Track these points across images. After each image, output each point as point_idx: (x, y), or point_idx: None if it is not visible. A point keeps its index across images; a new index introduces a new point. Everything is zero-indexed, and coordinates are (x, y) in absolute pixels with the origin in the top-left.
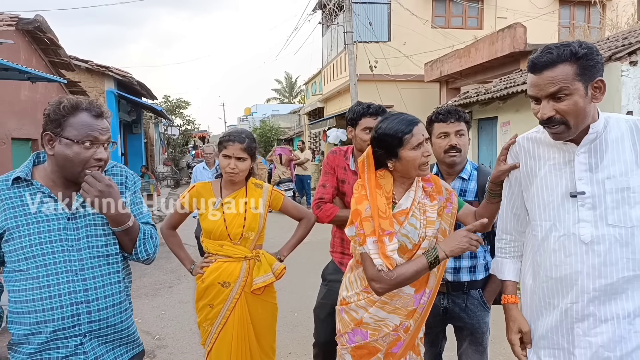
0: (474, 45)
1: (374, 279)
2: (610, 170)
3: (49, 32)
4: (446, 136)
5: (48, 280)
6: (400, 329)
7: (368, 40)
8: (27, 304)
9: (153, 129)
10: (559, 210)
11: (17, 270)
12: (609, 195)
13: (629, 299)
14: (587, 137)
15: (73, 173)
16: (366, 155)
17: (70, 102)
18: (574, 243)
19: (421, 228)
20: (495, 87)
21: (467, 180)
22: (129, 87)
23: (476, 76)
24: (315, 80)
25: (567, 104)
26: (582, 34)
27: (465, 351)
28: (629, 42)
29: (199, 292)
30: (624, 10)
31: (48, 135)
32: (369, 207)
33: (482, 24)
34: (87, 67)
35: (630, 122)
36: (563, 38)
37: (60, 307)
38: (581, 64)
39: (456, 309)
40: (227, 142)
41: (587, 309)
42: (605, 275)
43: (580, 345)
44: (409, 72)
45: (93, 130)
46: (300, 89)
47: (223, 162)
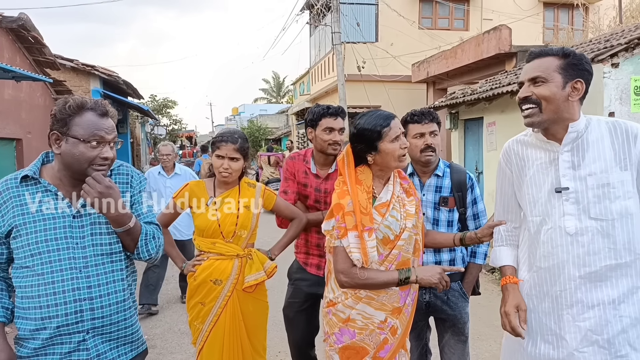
0: (460, 47)
1: (344, 272)
2: (591, 168)
3: (33, 30)
4: (422, 136)
5: (53, 277)
6: (386, 327)
7: (356, 41)
8: (33, 299)
9: (139, 129)
10: (546, 206)
11: (23, 267)
12: (591, 191)
13: (613, 286)
14: (568, 136)
15: (80, 171)
16: (346, 153)
17: (75, 101)
18: (560, 235)
19: (402, 220)
20: (481, 88)
21: (442, 177)
22: (115, 87)
23: (462, 77)
24: (303, 80)
25: (543, 89)
26: (566, 36)
27: (448, 342)
28: (610, 44)
29: (191, 290)
30: (605, 14)
31: (55, 135)
32: (351, 202)
33: (468, 25)
34: (72, 66)
35: (610, 123)
36: (547, 40)
37: (64, 304)
38: (567, 61)
39: (438, 302)
40: (220, 143)
41: (574, 296)
42: (589, 264)
43: (570, 330)
44: (396, 72)
45: (99, 130)
46: (288, 89)
47: (217, 163)
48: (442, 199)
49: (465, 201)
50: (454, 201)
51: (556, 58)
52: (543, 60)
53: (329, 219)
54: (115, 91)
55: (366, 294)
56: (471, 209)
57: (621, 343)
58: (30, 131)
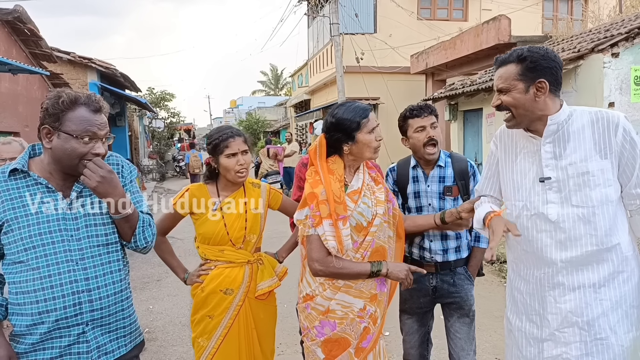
0: (459, 37)
1: (319, 261)
2: (571, 158)
3: (29, 22)
4: (423, 130)
5: (49, 270)
6: (366, 315)
7: (354, 32)
8: (29, 294)
9: (137, 122)
10: (530, 193)
11: (17, 262)
12: (572, 179)
13: (594, 270)
14: (548, 129)
15: (70, 166)
16: (319, 144)
17: (69, 96)
18: (544, 221)
19: (373, 206)
20: (480, 78)
21: (444, 167)
22: (112, 79)
23: (462, 68)
24: (301, 72)
25: (507, 97)
26: (566, 26)
27: (454, 325)
28: (610, 34)
29: (197, 303)
30: (605, 3)
31: (46, 129)
32: (324, 191)
33: (467, 15)
34: (69, 59)
35: (592, 113)
36: (546, 30)
37: (62, 297)
38: (524, 66)
39: (445, 286)
40: (227, 140)
41: (556, 278)
42: (570, 249)
43: (552, 311)
44: (395, 64)
45: (92, 126)
46: (287, 81)
47: (230, 163)
48: (446, 189)
49: (468, 189)
50: (458, 190)
51: (514, 65)
52: (504, 70)
53: (301, 209)
54: (113, 84)
55: (344, 282)
56: (474, 196)
57: (601, 326)
58: (27, 124)
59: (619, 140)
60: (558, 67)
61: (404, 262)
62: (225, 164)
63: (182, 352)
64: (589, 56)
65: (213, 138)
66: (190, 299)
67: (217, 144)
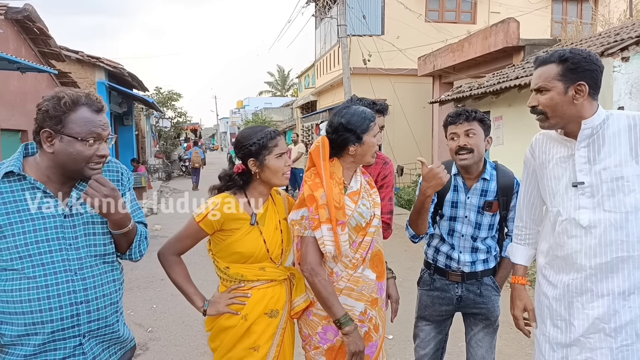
0: (467, 40)
1: (310, 265)
2: (606, 162)
3: (38, 21)
4: (456, 137)
5: (46, 280)
6: (366, 319)
7: (362, 34)
8: (21, 304)
9: (144, 121)
10: (563, 198)
11: (9, 270)
12: (605, 184)
13: (625, 277)
14: (582, 133)
15: (76, 170)
16: (322, 145)
17: (70, 97)
18: (575, 226)
19: (371, 207)
20: (488, 81)
21: (489, 180)
22: (120, 79)
23: (469, 71)
24: (308, 73)
25: (545, 98)
26: (575, 29)
27: (477, 335)
28: (621, 38)
29: (235, 336)
30: (616, 7)
31: (47, 132)
32: (324, 195)
33: (475, 18)
34: (77, 58)
35: (630, 117)
36: (555, 34)
37: (60, 308)
38: (565, 67)
39: (471, 296)
40: (277, 138)
41: (585, 285)
42: (601, 255)
43: (579, 317)
44: (402, 66)
45: (96, 127)
46: (293, 82)
47: (279, 163)
48: (486, 203)
49: (509, 205)
50: (498, 205)
51: (555, 65)
52: (544, 69)
53: (297, 209)
54: (121, 83)
55: (345, 284)
56: (514, 212)
57: (628, 332)
58: None
59: None
60: (599, 71)
61: (427, 268)
62: (275, 165)
63: (185, 351)
64: None
65: (257, 138)
66: None
67: (265, 144)
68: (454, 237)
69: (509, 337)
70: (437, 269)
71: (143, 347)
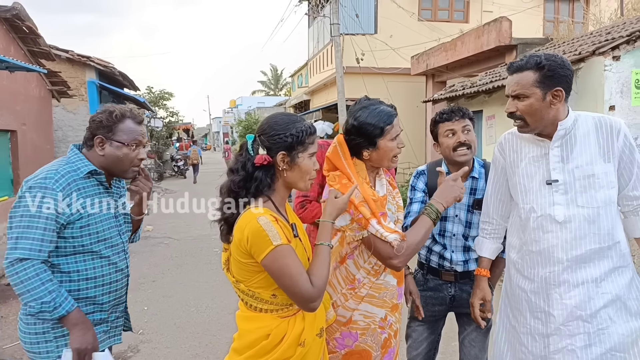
0: (460, 39)
1: (391, 256)
2: (578, 161)
3: (27, 20)
4: (453, 134)
5: (114, 259)
6: (386, 325)
7: (355, 33)
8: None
9: None
10: (537, 195)
11: (87, 252)
12: (578, 182)
13: (595, 266)
14: (557, 134)
15: (122, 170)
16: (340, 144)
17: (120, 111)
18: (550, 222)
19: (395, 212)
20: (480, 80)
21: (478, 178)
22: (110, 78)
23: (462, 70)
24: (301, 72)
25: (524, 105)
26: (567, 28)
27: (470, 335)
28: (612, 37)
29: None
30: (607, 6)
31: (99, 138)
32: (357, 193)
33: (468, 17)
34: (67, 57)
35: (596, 118)
36: (548, 32)
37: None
38: (542, 74)
39: (464, 295)
40: (314, 134)
41: (562, 276)
42: (576, 248)
43: (557, 307)
44: (395, 65)
45: (138, 135)
46: (286, 81)
47: (310, 165)
48: (475, 202)
49: None
50: None
51: (532, 72)
52: (521, 76)
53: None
54: (112, 82)
55: (367, 292)
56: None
57: (602, 317)
58: (25, 122)
59: (620, 145)
60: (572, 76)
61: (421, 268)
62: (307, 166)
63: (177, 354)
64: (590, 59)
65: (296, 129)
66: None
67: (303, 139)
68: (446, 237)
69: None
70: (431, 269)
71: (134, 349)
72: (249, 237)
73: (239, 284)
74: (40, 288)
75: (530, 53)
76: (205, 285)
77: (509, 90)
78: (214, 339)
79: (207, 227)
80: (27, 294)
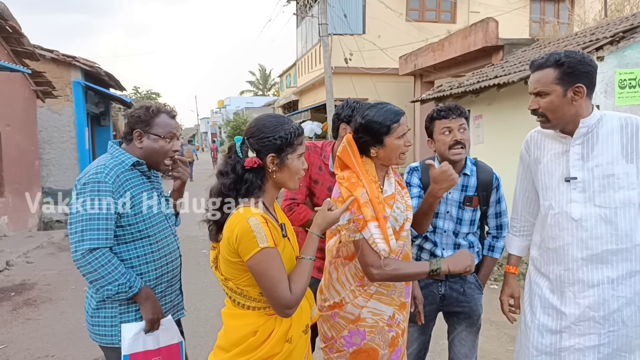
0: (447, 39)
1: (374, 266)
2: (598, 160)
3: (11, 19)
4: (450, 132)
5: (165, 242)
6: (394, 323)
7: (343, 33)
8: (154, 262)
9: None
10: (555, 192)
11: (144, 238)
12: (597, 181)
13: (613, 268)
14: (579, 131)
15: (158, 161)
16: (349, 143)
17: (156, 106)
18: (566, 219)
19: (405, 211)
20: (468, 80)
21: (469, 176)
22: (96, 78)
23: (450, 70)
24: (289, 72)
25: (545, 102)
26: (552, 29)
27: (460, 334)
28: (596, 37)
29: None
30: (591, 7)
31: (138, 132)
32: (364, 192)
33: (455, 18)
34: (52, 57)
35: (622, 119)
36: (534, 33)
37: (174, 260)
38: (562, 70)
39: (454, 294)
40: (302, 135)
41: (576, 275)
42: (591, 247)
43: (570, 306)
44: (383, 65)
45: (172, 128)
46: (275, 82)
47: (299, 165)
48: (466, 198)
49: (489, 200)
50: (478, 200)
51: (552, 69)
52: (541, 74)
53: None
54: (98, 83)
55: (376, 289)
56: (494, 208)
57: (615, 319)
58: (9, 123)
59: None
60: (594, 72)
61: None
62: (296, 166)
63: None
64: None
65: (284, 131)
66: None
67: (292, 140)
68: (437, 234)
69: (490, 334)
70: None
71: None
72: (238, 236)
73: (228, 282)
74: (115, 272)
75: (551, 52)
76: (194, 287)
77: (531, 88)
78: (202, 340)
79: (196, 229)
80: (102, 279)
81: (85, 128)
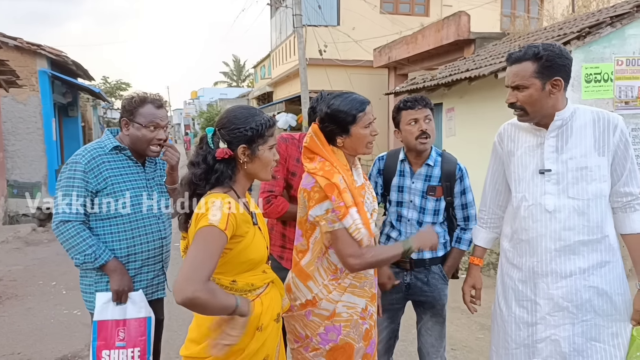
0: (420, 32)
1: (354, 255)
2: (572, 152)
3: None
4: (416, 122)
5: (143, 223)
6: (367, 315)
7: (317, 24)
8: (126, 240)
9: (91, 112)
10: (529, 184)
11: (118, 217)
12: (570, 173)
13: (584, 259)
14: (554, 124)
15: (142, 149)
16: (315, 132)
17: (139, 96)
18: (540, 211)
19: (372, 202)
20: (440, 74)
21: (433, 166)
22: (64, 67)
23: (423, 63)
24: (264, 63)
25: (524, 95)
26: (522, 23)
27: (426, 324)
28: (563, 32)
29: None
30: (559, 2)
31: (124, 120)
32: (341, 178)
33: (428, 11)
34: (16, 45)
35: (594, 112)
36: (504, 27)
37: (152, 241)
38: (540, 64)
39: (419, 284)
40: (273, 127)
41: (549, 266)
42: (564, 239)
43: (544, 297)
44: (358, 57)
45: (156, 118)
46: (249, 73)
47: (271, 156)
48: (429, 188)
49: (453, 191)
50: (442, 190)
51: (530, 62)
52: (520, 67)
53: (319, 203)
54: (65, 72)
55: (350, 282)
56: (459, 199)
57: (587, 309)
58: None
59: (615, 141)
60: (570, 65)
61: None
62: (268, 157)
63: None
64: None
65: (255, 122)
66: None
67: (262, 132)
68: (402, 223)
69: (460, 322)
70: None
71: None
72: (198, 214)
73: None
74: (83, 244)
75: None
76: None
77: (508, 81)
78: (175, 334)
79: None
80: (73, 249)
81: (52, 119)
